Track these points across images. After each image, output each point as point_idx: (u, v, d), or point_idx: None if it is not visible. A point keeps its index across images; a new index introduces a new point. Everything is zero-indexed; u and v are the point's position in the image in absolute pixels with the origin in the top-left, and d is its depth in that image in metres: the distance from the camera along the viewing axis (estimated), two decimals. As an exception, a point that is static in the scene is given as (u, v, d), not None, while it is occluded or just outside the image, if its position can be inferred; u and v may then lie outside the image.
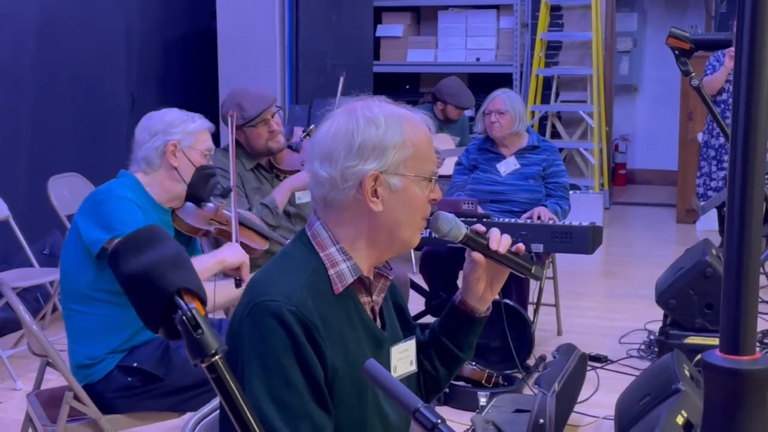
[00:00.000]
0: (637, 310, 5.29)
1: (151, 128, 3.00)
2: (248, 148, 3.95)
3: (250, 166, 3.96)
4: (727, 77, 6.37)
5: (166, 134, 2.97)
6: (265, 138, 3.92)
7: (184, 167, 3.00)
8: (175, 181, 3.00)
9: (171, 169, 2.99)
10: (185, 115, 3.04)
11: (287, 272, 1.72)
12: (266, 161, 4.01)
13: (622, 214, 8.83)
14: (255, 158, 3.97)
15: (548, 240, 4.22)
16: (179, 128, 2.99)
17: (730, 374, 1.10)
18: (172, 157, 2.97)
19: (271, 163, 4.02)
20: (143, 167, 2.99)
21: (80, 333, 2.89)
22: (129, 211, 2.80)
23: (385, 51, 9.21)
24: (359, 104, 1.77)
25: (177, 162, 2.98)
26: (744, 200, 1.09)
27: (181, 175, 3.00)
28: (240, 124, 3.89)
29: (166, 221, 3.03)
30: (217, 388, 1.09)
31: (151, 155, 2.97)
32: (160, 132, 2.98)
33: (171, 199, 3.04)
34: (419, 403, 1.23)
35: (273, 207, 3.82)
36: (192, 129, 3.01)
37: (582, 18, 8.73)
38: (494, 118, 4.75)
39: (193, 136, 3.01)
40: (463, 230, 1.81)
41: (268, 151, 3.96)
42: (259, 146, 3.93)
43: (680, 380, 2.93)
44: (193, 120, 3.05)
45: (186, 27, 6.95)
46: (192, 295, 1.11)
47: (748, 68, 1.08)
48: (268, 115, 3.91)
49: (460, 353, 1.96)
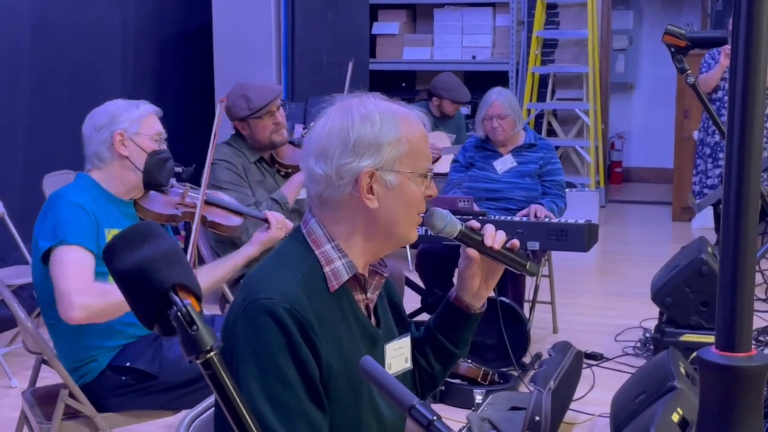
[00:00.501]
0: (632, 307, 5.30)
1: (95, 122, 2.94)
2: (251, 140, 3.94)
3: (253, 159, 3.96)
4: (722, 75, 6.37)
5: (111, 125, 2.91)
6: (270, 130, 3.91)
7: (135, 155, 2.93)
8: (129, 170, 2.94)
9: (122, 159, 2.92)
10: (128, 104, 2.99)
11: (282, 270, 1.72)
12: (268, 155, 4.00)
13: (618, 211, 8.84)
14: (258, 151, 3.97)
15: (544, 238, 4.22)
16: (123, 117, 2.93)
17: (725, 371, 1.10)
18: (121, 146, 2.91)
19: (273, 157, 4.01)
20: (96, 163, 2.94)
21: (60, 340, 2.89)
22: (74, 218, 2.75)
23: (381, 49, 9.20)
24: (354, 101, 1.77)
25: (127, 151, 2.92)
26: (740, 198, 1.09)
27: (133, 163, 2.93)
28: (245, 115, 3.89)
29: (128, 213, 2.98)
30: (212, 385, 1.09)
31: (101, 149, 2.92)
32: (105, 124, 2.92)
33: (129, 191, 2.98)
34: (415, 400, 1.23)
35: (283, 202, 3.83)
36: (137, 115, 2.95)
37: (578, 16, 8.73)
38: (496, 123, 4.74)
39: (139, 122, 2.95)
40: (458, 226, 1.81)
41: (272, 144, 3.95)
42: (263, 138, 3.93)
43: (676, 378, 2.93)
44: (137, 106, 2.99)
45: (182, 24, 6.93)
46: (187, 291, 1.10)
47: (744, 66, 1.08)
48: (274, 106, 3.91)
49: (456, 350, 1.96)
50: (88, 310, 2.66)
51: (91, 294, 2.65)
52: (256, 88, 3.94)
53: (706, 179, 6.65)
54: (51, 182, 4.78)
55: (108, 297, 2.63)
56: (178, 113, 6.51)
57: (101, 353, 2.86)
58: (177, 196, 3.18)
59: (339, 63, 6.86)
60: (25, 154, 5.32)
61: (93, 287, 2.67)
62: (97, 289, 2.67)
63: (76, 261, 2.69)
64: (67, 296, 2.65)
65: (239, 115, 3.92)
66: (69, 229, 2.73)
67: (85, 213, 2.78)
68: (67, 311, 2.66)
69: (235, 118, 3.95)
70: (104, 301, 2.65)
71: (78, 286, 2.65)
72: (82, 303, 2.64)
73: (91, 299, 2.65)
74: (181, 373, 2.82)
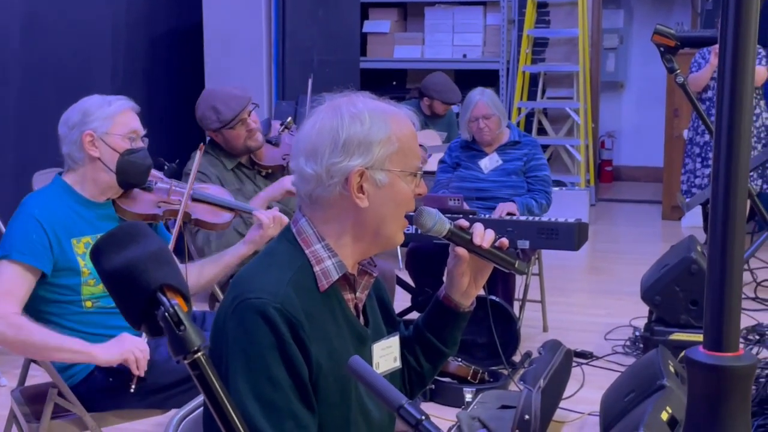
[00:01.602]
0: (622, 306, 5.30)
1: (68, 121, 2.85)
2: (227, 148, 3.93)
3: (231, 165, 3.93)
4: (712, 74, 6.38)
5: (82, 125, 2.82)
6: (244, 137, 3.88)
7: (106, 156, 2.82)
8: (102, 171, 2.84)
9: (94, 160, 2.82)
10: (102, 100, 2.88)
11: (272, 269, 1.71)
12: (246, 159, 3.99)
13: (607, 210, 8.86)
14: (235, 157, 3.95)
15: (534, 236, 4.22)
16: (95, 115, 2.83)
17: (713, 371, 1.10)
18: (91, 147, 2.81)
19: (251, 159, 4.00)
20: (70, 165, 2.86)
21: None
22: (24, 233, 2.69)
23: (371, 47, 9.20)
24: (343, 100, 1.77)
25: (98, 152, 2.82)
26: (728, 197, 1.09)
27: (105, 164, 2.83)
28: (217, 127, 3.86)
29: (106, 215, 2.91)
30: (199, 385, 1.09)
31: (72, 150, 2.83)
32: (77, 124, 2.83)
33: (103, 191, 2.89)
34: (403, 400, 1.23)
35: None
36: (109, 113, 2.84)
37: (568, 15, 8.74)
38: (482, 123, 4.75)
39: (110, 120, 2.84)
40: (446, 225, 1.82)
41: (247, 149, 3.92)
42: (238, 146, 3.90)
43: (665, 376, 2.94)
44: (110, 104, 2.87)
45: (172, 22, 6.92)
46: (174, 292, 1.10)
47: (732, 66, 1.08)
48: (245, 114, 3.86)
49: (445, 348, 1.96)
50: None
51: (5, 323, 2.61)
52: (224, 98, 3.87)
53: (695, 178, 6.67)
54: (41, 180, 4.75)
55: (21, 334, 2.61)
56: (168, 111, 6.50)
57: None
58: (162, 193, 3.09)
59: (330, 61, 6.85)
60: (15, 152, 5.30)
61: (11, 317, 2.62)
62: (13, 320, 2.62)
63: (9, 282, 2.66)
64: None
65: (211, 126, 3.88)
66: (17, 243, 2.68)
67: (40, 228, 2.71)
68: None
69: (208, 129, 3.92)
70: (15, 335, 2.62)
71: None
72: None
73: (3, 328, 2.61)
74: (170, 375, 2.80)
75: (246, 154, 3.95)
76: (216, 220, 3.23)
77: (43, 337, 2.65)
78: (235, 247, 3.15)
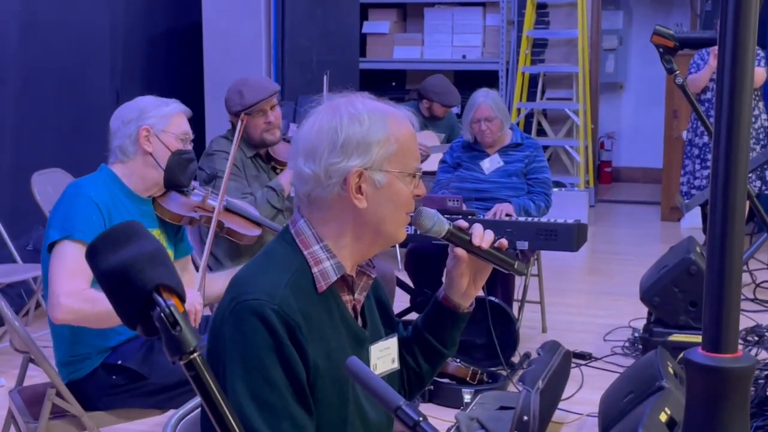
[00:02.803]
0: (621, 307, 5.30)
1: (124, 117, 2.93)
2: (245, 135, 3.95)
3: (250, 154, 3.98)
4: (711, 76, 6.38)
5: (139, 120, 2.90)
6: (261, 129, 3.93)
7: (159, 152, 2.92)
8: (151, 167, 2.93)
9: (146, 154, 2.91)
10: (159, 101, 2.99)
11: (270, 270, 1.71)
12: (264, 152, 4.03)
13: (607, 211, 8.86)
14: (253, 147, 3.99)
15: (533, 237, 4.22)
16: (152, 113, 2.92)
17: (711, 372, 1.10)
18: (146, 142, 2.90)
19: (268, 153, 4.03)
20: (120, 157, 2.93)
21: (62, 332, 2.87)
22: (85, 213, 2.74)
23: (371, 47, 9.19)
24: (342, 101, 1.76)
25: (151, 147, 2.91)
26: (727, 198, 1.09)
27: (156, 160, 2.92)
28: (237, 110, 3.89)
29: (146, 211, 2.97)
30: (195, 386, 1.08)
31: (125, 143, 2.90)
32: (133, 119, 2.91)
33: (149, 188, 2.97)
34: (401, 401, 1.22)
35: (279, 189, 3.86)
36: (166, 113, 2.95)
37: (568, 15, 8.74)
38: (484, 126, 4.75)
39: (167, 119, 2.94)
40: (445, 226, 1.81)
41: (263, 142, 3.96)
42: (255, 136, 3.94)
43: (664, 378, 2.94)
44: (167, 104, 2.98)
45: (171, 22, 6.92)
46: (170, 292, 1.10)
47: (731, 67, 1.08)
48: (266, 105, 3.91)
49: (444, 349, 1.96)
50: (74, 314, 2.66)
51: (80, 299, 2.64)
52: (252, 85, 3.96)
53: (694, 180, 6.66)
54: (39, 181, 4.77)
55: (96, 305, 2.62)
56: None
57: (96, 351, 2.85)
58: (198, 198, 3.16)
59: (329, 62, 6.85)
60: (13, 152, 5.30)
61: (84, 292, 2.65)
62: (87, 294, 2.65)
63: (74, 260, 2.67)
64: (56, 296, 2.64)
65: (232, 109, 3.95)
66: (78, 224, 2.71)
67: (98, 210, 2.77)
68: (53, 311, 2.66)
69: (230, 112, 3.98)
70: (91, 308, 2.63)
71: (69, 288, 2.64)
72: (69, 306, 2.64)
73: (78, 304, 2.64)
74: (172, 375, 2.80)
75: (262, 147, 3.99)
76: (246, 232, 3.34)
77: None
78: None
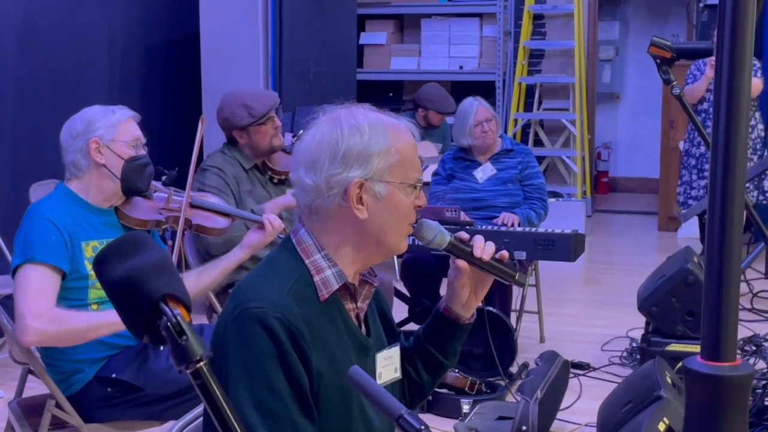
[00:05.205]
0: (619, 317, 5.31)
1: (72, 130, 2.90)
2: (250, 148, 3.92)
3: (248, 166, 3.94)
4: (708, 86, 6.40)
5: (87, 133, 2.87)
6: (270, 135, 3.91)
7: (112, 163, 2.89)
8: (107, 178, 2.90)
9: (99, 167, 2.88)
10: (105, 110, 2.95)
11: (273, 279, 1.72)
12: (261, 162, 4.00)
13: (604, 221, 8.87)
14: (255, 158, 3.96)
15: (531, 247, 4.23)
16: (99, 123, 2.89)
17: (710, 380, 1.10)
18: (97, 154, 2.86)
19: (265, 163, 4.00)
20: (74, 173, 2.90)
21: (47, 351, 2.86)
22: (44, 235, 2.73)
23: (368, 58, 9.21)
24: (343, 112, 1.77)
25: (103, 159, 2.87)
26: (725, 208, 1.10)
27: (111, 171, 2.89)
28: (248, 123, 3.87)
29: (110, 222, 2.95)
30: (201, 395, 1.09)
31: (77, 158, 2.88)
32: (81, 132, 2.88)
33: (108, 198, 2.94)
34: (403, 410, 1.23)
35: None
36: (113, 121, 2.91)
37: (564, 26, 8.76)
38: (486, 127, 4.78)
39: (114, 128, 2.90)
40: (447, 238, 1.82)
41: (272, 148, 3.94)
42: (263, 144, 3.92)
43: (662, 387, 2.94)
44: (113, 112, 2.94)
45: (169, 32, 6.93)
46: (177, 302, 1.11)
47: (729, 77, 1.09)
48: (274, 112, 3.92)
49: (445, 360, 1.97)
50: (41, 335, 2.67)
51: (45, 320, 2.65)
52: (254, 96, 3.95)
53: (691, 190, 6.68)
54: (37, 191, 4.76)
55: (63, 324, 2.65)
56: (165, 121, 6.50)
57: (87, 364, 2.84)
58: (161, 201, 3.14)
59: (327, 73, 6.86)
60: (11, 162, 5.30)
61: (49, 313, 2.66)
62: (53, 315, 2.66)
63: (38, 282, 2.68)
64: (22, 318, 2.65)
65: (241, 124, 3.89)
66: (38, 246, 2.71)
67: (56, 230, 2.75)
68: (20, 334, 2.67)
69: (236, 128, 3.92)
70: (58, 328, 2.65)
71: (35, 310, 2.65)
72: (35, 328, 2.64)
73: (44, 325, 2.65)
74: (168, 385, 2.80)
75: (270, 153, 3.96)
76: (213, 225, 3.27)
77: (83, 319, 2.70)
78: (233, 252, 3.17)
